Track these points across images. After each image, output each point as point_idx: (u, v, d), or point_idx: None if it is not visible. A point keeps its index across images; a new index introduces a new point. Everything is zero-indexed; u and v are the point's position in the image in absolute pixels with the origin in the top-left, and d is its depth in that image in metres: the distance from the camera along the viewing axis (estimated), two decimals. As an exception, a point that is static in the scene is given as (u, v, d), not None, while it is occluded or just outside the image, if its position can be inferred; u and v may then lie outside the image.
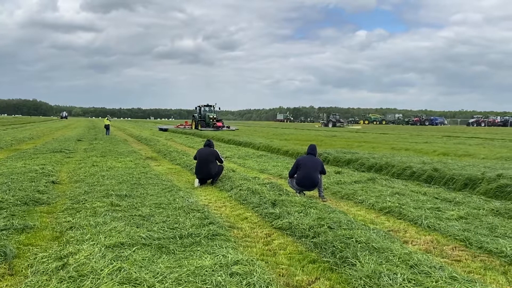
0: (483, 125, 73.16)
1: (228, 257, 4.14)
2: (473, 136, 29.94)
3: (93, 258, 4.01)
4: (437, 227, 5.75)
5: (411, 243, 5.16)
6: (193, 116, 44.04)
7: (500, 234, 5.40)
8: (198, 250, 4.50)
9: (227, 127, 41.05)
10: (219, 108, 43.79)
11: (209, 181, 9.52)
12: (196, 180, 9.34)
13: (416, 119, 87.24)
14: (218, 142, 22.68)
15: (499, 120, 77.19)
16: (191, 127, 42.66)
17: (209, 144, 9.95)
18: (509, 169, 9.53)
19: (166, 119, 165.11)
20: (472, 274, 4.14)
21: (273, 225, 5.90)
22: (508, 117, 78.01)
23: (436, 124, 78.95)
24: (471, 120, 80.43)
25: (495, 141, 23.63)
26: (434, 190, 8.55)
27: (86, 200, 7.01)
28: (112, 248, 4.37)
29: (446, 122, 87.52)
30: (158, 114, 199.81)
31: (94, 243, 4.52)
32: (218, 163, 9.61)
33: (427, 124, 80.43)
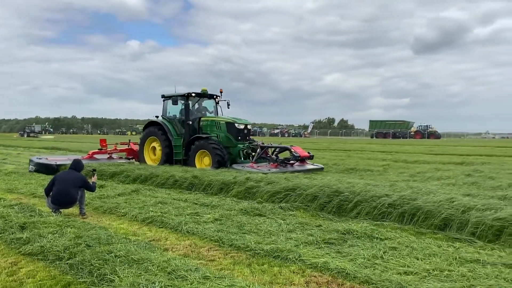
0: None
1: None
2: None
3: None
4: (195, 231, 6.13)
5: (172, 250, 5.34)
6: (160, 125, 14.98)
7: (247, 230, 6.15)
8: None
9: (308, 157, 13.72)
10: (228, 106, 15.77)
11: None
12: None
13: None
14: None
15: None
16: (133, 159, 16.19)
17: None
18: (253, 173, 10.99)
19: None
20: (223, 270, 4.57)
21: (21, 251, 5.18)
22: (256, 128, 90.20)
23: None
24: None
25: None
26: (194, 196, 9.12)
27: None
28: None
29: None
30: None
31: None
32: None
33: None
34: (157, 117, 15.59)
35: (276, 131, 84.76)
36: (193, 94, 14.86)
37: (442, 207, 6.47)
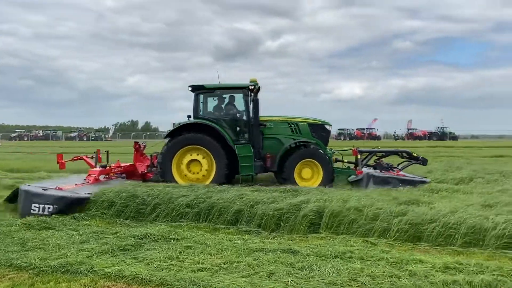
0: (26, 139, 73.11)
1: None
2: (15, 151, 29.45)
3: None
4: (-38, 255, 5.14)
5: None
6: (205, 129, 10.48)
7: (31, 247, 5.46)
8: None
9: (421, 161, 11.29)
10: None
11: None
12: None
13: None
14: None
15: (41, 134, 79.50)
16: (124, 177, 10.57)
17: None
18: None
19: None
20: (-2, 296, 3.96)
21: None
22: (49, 131, 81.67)
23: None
24: (13, 135, 78.58)
25: (35, 154, 24.09)
26: (-38, 213, 7.65)
27: None
28: None
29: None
30: None
31: None
32: None
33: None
34: (189, 117, 11.01)
35: (73, 134, 78.12)
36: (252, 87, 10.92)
37: (233, 203, 7.00)
